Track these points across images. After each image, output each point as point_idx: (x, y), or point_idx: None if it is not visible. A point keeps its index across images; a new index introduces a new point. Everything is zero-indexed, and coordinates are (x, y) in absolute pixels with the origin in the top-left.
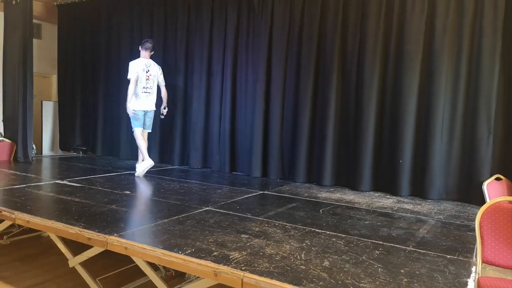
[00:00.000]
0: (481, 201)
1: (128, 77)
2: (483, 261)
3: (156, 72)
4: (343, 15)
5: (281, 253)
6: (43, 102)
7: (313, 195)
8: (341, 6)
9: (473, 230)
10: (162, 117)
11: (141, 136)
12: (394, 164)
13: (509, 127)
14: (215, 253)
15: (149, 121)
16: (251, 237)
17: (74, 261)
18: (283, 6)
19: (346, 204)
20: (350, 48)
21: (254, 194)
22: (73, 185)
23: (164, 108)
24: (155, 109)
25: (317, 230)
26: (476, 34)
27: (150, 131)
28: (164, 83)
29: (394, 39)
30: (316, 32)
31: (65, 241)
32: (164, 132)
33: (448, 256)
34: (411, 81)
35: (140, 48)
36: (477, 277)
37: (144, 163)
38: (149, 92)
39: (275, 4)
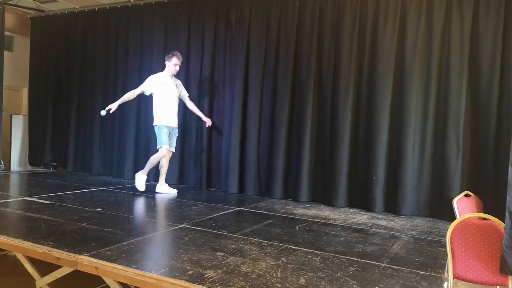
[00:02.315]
0: (452, 217)
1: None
2: (455, 277)
3: None
4: (318, 34)
5: (257, 271)
6: (13, 115)
7: (290, 211)
8: (316, 26)
9: (445, 245)
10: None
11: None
12: (369, 181)
13: (476, 145)
14: (189, 272)
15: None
16: (226, 254)
17: (42, 282)
18: (260, 24)
19: (322, 221)
20: (325, 67)
21: (231, 210)
22: (42, 202)
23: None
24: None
25: (293, 247)
26: (444, 55)
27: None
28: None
29: (367, 59)
30: (293, 50)
31: (33, 261)
32: (139, 147)
33: (421, 272)
34: (383, 100)
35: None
36: None
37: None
38: None
39: (251, 22)
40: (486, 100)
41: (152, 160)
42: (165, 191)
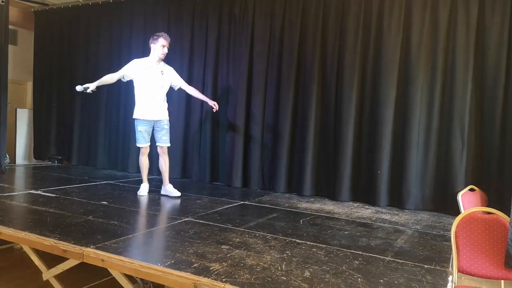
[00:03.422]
0: (456, 211)
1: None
2: (459, 271)
3: None
4: (323, 28)
5: (262, 264)
6: (18, 109)
7: (294, 205)
8: (321, 20)
9: (449, 240)
10: None
11: None
12: (373, 175)
13: (481, 139)
14: (195, 265)
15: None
16: (231, 248)
17: (49, 274)
18: (264, 18)
19: (326, 214)
20: (329, 61)
21: (235, 204)
22: (48, 195)
23: None
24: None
25: (297, 241)
26: (450, 49)
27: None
28: None
29: (372, 53)
30: (297, 44)
31: (39, 253)
32: None
33: (426, 266)
34: (388, 94)
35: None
36: (453, 286)
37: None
38: None
39: (255, 16)
40: (492, 94)
41: (140, 165)
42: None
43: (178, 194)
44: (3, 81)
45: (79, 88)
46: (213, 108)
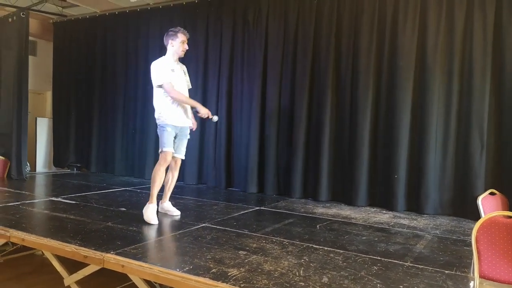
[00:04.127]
0: (476, 215)
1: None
2: (481, 276)
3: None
4: (337, 32)
5: (279, 269)
6: (37, 118)
7: (309, 210)
8: (334, 24)
9: (470, 245)
10: None
11: None
12: (390, 180)
13: (501, 142)
14: (213, 270)
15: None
16: (249, 253)
17: (70, 280)
18: (278, 23)
19: (342, 220)
20: (344, 65)
21: (251, 210)
22: (68, 202)
23: None
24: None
25: (314, 246)
26: (466, 51)
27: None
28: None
29: (387, 57)
30: (311, 49)
31: (60, 259)
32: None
33: (446, 271)
34: (404, 97)
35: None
36: None
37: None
38: None
39: (269, 21)
40: (510, 95)
41: (154, 176)
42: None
43: (178, 213)
44: (24, 91)
45: (215, 118)
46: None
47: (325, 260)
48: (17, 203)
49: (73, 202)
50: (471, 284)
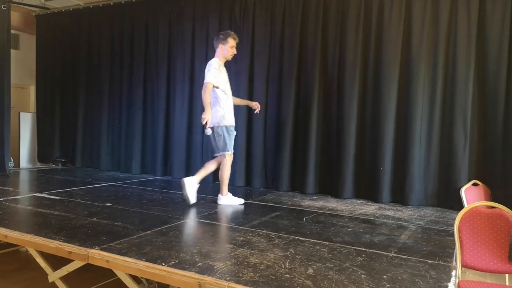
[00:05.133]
0: (460, 206)
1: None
2: (463, 265)
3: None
4: (323, 24)
5: (265, 262)
6: (21, 113)
7: (297, 203)
8: (321, 18)
9: (453, 235)
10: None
11: None
12: (375, 172)
13: (484, 133)
14: (199, 264)
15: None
16: (235, 246)
17: (54, 276)
18: (264, 16)
19: (329, 212)
20: (330, 58)
21: (238, 203)
22: (52, 198)
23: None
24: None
25: (301, 238)
26: (451, 43)
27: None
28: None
29: (373, 49)
30: (298, 42)
31: (44, 255)
32: (146, 142)
33: (429, 261)
34: (389, 89)
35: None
36: (457, 281)
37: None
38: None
39: (256, 14)
40: (494, 87)
41: (222, 176)
42: (189, 192)
43: (242, 201)
44: (6, 86)
45: (208, 131)
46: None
47: (310, 252)
48: (0, 199)
49: (58, 197)
50: (453, 273)
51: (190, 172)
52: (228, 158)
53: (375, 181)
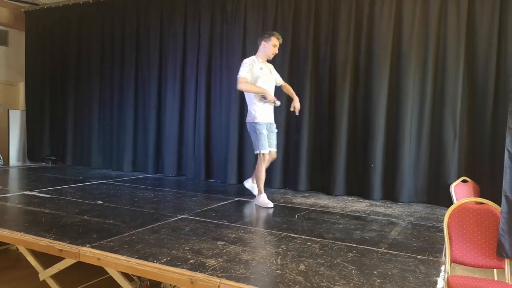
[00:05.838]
0: (449, 202)
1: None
2: (452, 261)
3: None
4: (315, 21)
5: (257, 258)
6: (10, 111)
7: (289, 200)
8: (313, 15)
9: (442, 231)
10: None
11: None
12: (367, 169)
13: (473, 130)
14: (191, 261)
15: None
16: (227, 243)
17: (45, 274)
18: (257, 13)
19: (320, 209)
20: (322, 55)
21: (230, 201)
22: (43, 196)
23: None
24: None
25: (292, 235)
26: (441, 39)
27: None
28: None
29: (364, 45)
30: (289, 38)
31: (35, 253)
32: (138, 139)
33: (419, 257)
34: (380, 86)
35: None
36: (446, 276)
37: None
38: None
39: (248, 11)
40: (483, 84)
41: (257, 174)
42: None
43: (271, 205)
44: None
45: (278, 103)
46: (295, 105)
47: (302, 249)
48: None
49: (48, 195)
50: (442, 268)
51: (181, 169)
52: (261, 157)
53: (366, 178)
